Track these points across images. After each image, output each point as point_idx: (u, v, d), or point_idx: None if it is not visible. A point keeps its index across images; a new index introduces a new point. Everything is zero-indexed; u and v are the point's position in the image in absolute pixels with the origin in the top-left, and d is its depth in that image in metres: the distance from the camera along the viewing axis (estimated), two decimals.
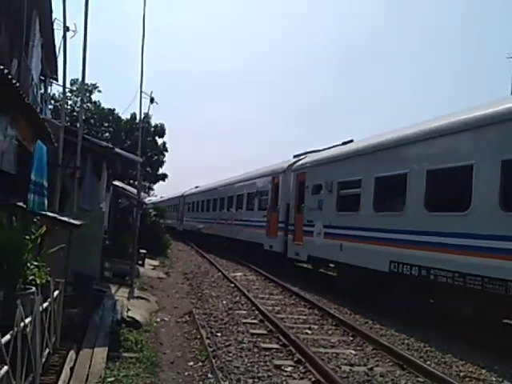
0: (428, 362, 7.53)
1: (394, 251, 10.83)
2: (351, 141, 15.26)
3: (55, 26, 13.60)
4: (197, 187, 38.85)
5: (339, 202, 13.92)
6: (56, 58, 16.18)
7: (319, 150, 17.31)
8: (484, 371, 7.32)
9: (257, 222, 21.26)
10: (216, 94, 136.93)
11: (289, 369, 6.93)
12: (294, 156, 19.53)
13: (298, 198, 17.00)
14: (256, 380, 6.34)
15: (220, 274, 17.93)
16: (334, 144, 16.25)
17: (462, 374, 7.17)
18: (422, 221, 10.16)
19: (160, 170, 44.91)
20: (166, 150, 43.96)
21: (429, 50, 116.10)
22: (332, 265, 15.71)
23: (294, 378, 6.57)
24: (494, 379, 7.01)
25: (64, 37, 10.13)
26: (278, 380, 6.41)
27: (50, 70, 17.31)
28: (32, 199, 6.59)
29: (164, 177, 46.65)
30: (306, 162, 17.01)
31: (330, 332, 9.51)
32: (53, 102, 31.77)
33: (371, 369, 7.13)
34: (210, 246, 29.84)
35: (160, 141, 43.74)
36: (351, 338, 8.97)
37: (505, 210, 8.22)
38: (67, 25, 10.44)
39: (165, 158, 44.39)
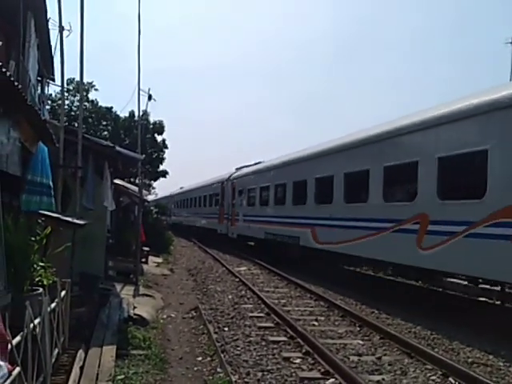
0: (436, 350, 7.56)
1: (265, 227, 20.42)
2: (259, 162, 24.06)
3: (50, 26, 13.54)
4: (181, 188, 47.27)
5: (248, 200, 23.50)
6: (52, 58, 16.10)
7: (248, 166, 25.98)
8: (491, 357, 7.35)
9: (213, 214, 30.28)
10: (213, 89, 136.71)
11: (297, 361, 6.96)
12: (236, 169, 27.91)
13: (232, 197, 25.95)
14: (265, 373, 6.37)
15: (224, 268, 17.96)
16: (253, 163, 25.05)
17: (469, 360, 7.20)
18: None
19: (160, 166, 44.85)
20: (166, 147, 43.89)
21: (426, 36, 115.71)
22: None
23: (303, 370, 6.59)
24: (501, 364, 7.03)
25: (61, 37, 10.09)
26: (287, 372, 6.44)
27: (46, 70, 17.23)
28: (29, 200, 6.59)
29: (164, 174, 46.59)
30: (235, 175, 26.32)
31: (336, 323, 9.53)
32: (49, 102, 31.69)
33: (379, 358, 7.16)
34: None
35: (159, 138, 43.66)
36: (358, 329, 9.00)
37: None
38: (62, 24, 10.39)
39: (165, 155, 44.34)
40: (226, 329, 8.73)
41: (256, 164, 24.48)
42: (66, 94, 36.13)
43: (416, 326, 9.21)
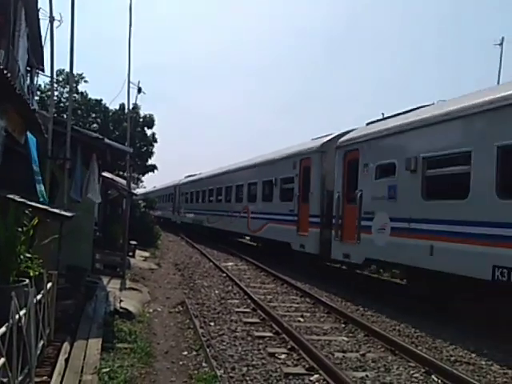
0: (419, 348, 7.65)
1: (191, 216, 32.82)
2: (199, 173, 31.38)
3: (40, 16, 13.41)
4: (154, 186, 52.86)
5: (186, 199, 35.72)
6: (42, 49, 15.95)
7: (192, 175, 36.62)
8: (474, 355, 7.44)
9: (168, 208, 42.20)
10: (204, 83, 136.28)
11: (282, 356, 7.00)
12: (185, 176, 37.35)
13: (179, 197, 34.52)
14: (250, 368, 6.40)
15: (211, 264, 17.97)
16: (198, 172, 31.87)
17: (452, 358, 7.29)
18: None
19: (149, 160, 44.57)
20: (156, 141, 43.60)
21: (415, 35, 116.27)
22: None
23: (288, 366, 6.64)
24: (483, 363, 7.13)
25: (51, 27, 10.00)
26: (272, 367, 6.47)
27: (36, 60, 17.07)
28: (40, 189, 6.56)
29: (153, 168, 46.32)
30: (181, 182, 36.97)
31: (322, 319, 9.60)
32: (39, 93, 31.37)
33: (363, 355, 7.23)
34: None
35: (149, 132, 43.38)
36: (343, 325, 9.07)
37: None
38: (53, 15, 10.29)
39: (154, 149, 44.06)
40: (212, 323, 8.76)
41: (194, 175, 35.85)
42: (55, 85, 35.79)
43: (400, 323, 9.31)
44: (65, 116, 13.81)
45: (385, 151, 11.66)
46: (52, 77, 10.46)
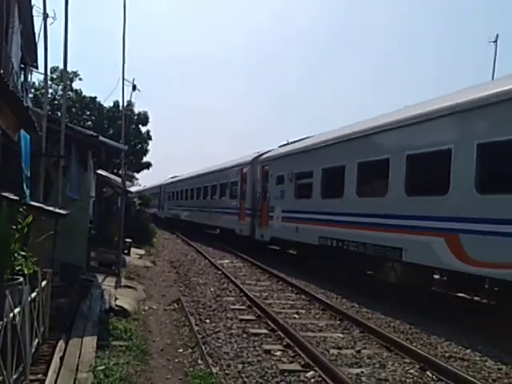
0: (414, 344, 7.67)
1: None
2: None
3: (34, 13, 13.33)
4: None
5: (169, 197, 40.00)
6: (36, 46, 15.87)
7: (175, 176, 34.55)
8: (468, 351, 7.49)
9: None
10: (198, 80, 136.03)
11: (278, 353, 7.01)
12: (170, 177, 35.56)
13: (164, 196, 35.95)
14: (246, 365, 6.41)
15: (207, 261, 17.96)
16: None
17: (447, 354, 7.32)
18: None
19: (144, 158, 44.50)
20: (150, 138, 43.51)
21: (411, 33, 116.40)
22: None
23: (284, 362, 6.65)
24: (477, 359, 7.17)
25: (45, 24, 9.93)
26: (268, 364, 6.48)
27: (29, 57, 16.98)
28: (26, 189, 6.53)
29: (148, 165, 46.25)
30: (166, 182, 33.30)
31: (317, 316, 9.62)
32: (33, 90, 31.23)
33: (359, 351, 7.25)
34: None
35: (144, 129, 43.29)
36: (338, 322, 9.09)
37: None
38: (47, 11, 10.24)
39: (149, 147, 43.98)
40: (208, 321, 8.76)
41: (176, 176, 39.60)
42: (49, 83, 35.62)
43: (395, 320, 9.34)
44: (59, 114, 13.77)
45: (279, 167, 17.92)
46: (46, 74, 10.40)
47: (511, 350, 7.40)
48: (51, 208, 7.32)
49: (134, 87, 21.98)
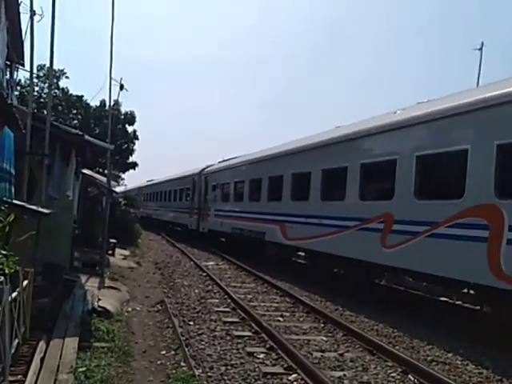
0: (397, 347, 7.72)
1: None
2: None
3: (21, 10, 13.19)
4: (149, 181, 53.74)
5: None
6: (22, 43, 15.69)
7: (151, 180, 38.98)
8: (450, 355, 7.54)
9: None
10: (186, 82, 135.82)
11: (261, 356, 7.00)
12: (147, 180, 38.48)
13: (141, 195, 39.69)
14: (229, 367, 6.39)
15: (192, 263, 17.91)
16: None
17: (429, 358, 7.38)
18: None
19: (130, 158, 44.22)
20: (137, 138, 43.26)
21: (395, 39, 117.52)
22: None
23: (267, 365, 6.64)
24: (459, 362, 7.23)
25: (31, 21, 9.84)
26: (251, 367, 6.47)
27: (16, 55, 16.79)
28: (1, 187, 6.43)
29: (134, 165, 45.98)
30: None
31: (301, 319, 9.63)
32: (18, 88, 30.86)
33: (342, 354, 7.27)
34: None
35: (130, 129, 43.03)
36: (322, 325, 9.11)
37: None
38: (34, 8, 10.13)
39: (135, 147, 43.72)
40: (192, 323, 8.72)
41: (151, 180, 45.81)
42: (35, 81, 35.26)
43: (378, 323, 9.39)
44: (45, 112, 13.59)
45: (213, 179, 24.66)
46: (31, 72, 10.30)
47: (492, 353, 7.49)
48: (34, 207, 7.23)
49: (122, 87, 21.94)
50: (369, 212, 11.08)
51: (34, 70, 10.85)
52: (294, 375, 6.23)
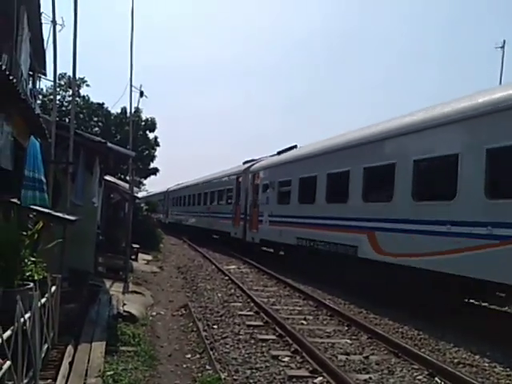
0: (422, 350, 7.64)
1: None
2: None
3: (43, 20, 13.45)
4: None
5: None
6: (44, 53, 16.00)
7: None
8: (477, 357, 7.45)
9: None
10: (203, 87, 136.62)
11: (286, 359, 7.00)
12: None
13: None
14: (254, 370, 6.40)
15: (214, 267, 17.98)
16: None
17: (455, 360, 7.29)
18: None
19: (151, 164, 44.71)
20: (158, 145, 43.76)
21: (416, 39, 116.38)
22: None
23: (292, 368, 6.64)
24: (486, 365, 7.14)
25: (54, 31, 10.05)
26: (276, 370, 6.48)
27: (38, 64, 17.11)
28: (26, 195, 6.57)
29: (155, 171, 46.48)
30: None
31: (325, 322, 9.60)
32: (40, 97, 31.45)
33: (367, 357, 7.23)
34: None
35: (151, 135, 43.51)
36: (346, 328, 9.07)
37: None
38: (55, 19, 10.34)
39: (156, 153, 44.19)
40: (216, 326, 8.76)
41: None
42: (57, 89, 35.83)
43: (403, 326, 9.31)
44: (67, 120, 13.86)
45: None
46: (55, 81, 10.52)
47: None
48: (60, 214, 7.37)
49: (142, 93, 22.17)
50: None
51: (56, 79, 11.03)
52: (320, 378, 6.21)
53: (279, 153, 20.68)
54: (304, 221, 15.67)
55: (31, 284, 5.14)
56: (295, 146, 19.79)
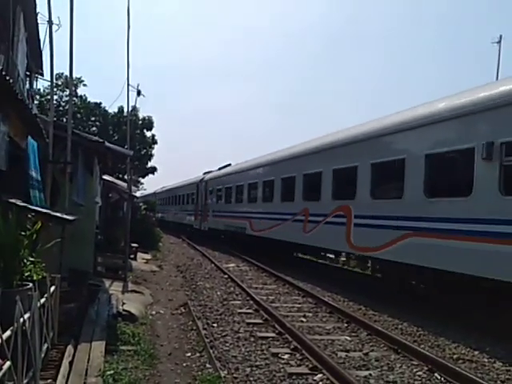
0: (422, 346, 7.66)
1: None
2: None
3: (39, 21, 13.41)
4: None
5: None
6: (41, 53, 15.95)
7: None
8: (476, 353, 7.47)
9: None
10: (201, 85, 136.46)
11: (286, 356, 7.02)
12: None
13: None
14: (254, 368, 6.42)
15: (213, 265, 17.99)
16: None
17: (455, 356, 7.31)
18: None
19: (149, 163, 44.64)
20: (155, 143, 43.69)
21: (412, 34, 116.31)
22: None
23: (292, 365, 6.66)
24: (486, 360, 7.16)
25: (50, 31, 10.02)
26: (276, 368, 6.50)
27: (35, 65, 17.06)
28: (35, 195, 6.58)
29: (153, 170, 46.42)
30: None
31: (324, 319, 9.62)
32: (37, 97, 31.40)
33: (366, 354, 7.25)
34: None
35: (148, 134, 43.44)
36: (346, 325, 9.09)
37: None
38: (51, 19, 10.31)
39: (153, 151, 44.13)
40: (215, 325, 8.77)
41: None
42: (54, 89, 35.71)
43: (403, 322, 9.33)
44: (64, 120, 13.83)
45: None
46: (52, 81, 10.49)
47: None
48: (59, 214, 7.36)
49: (139, 93, 22.17)
50: None
51: (53, 80, 11.00)
52: (320, 375, 6.23)
53: (219, 168, 29.36)
54: (227, 214, 24.50)
55: (30, 284, 5.13)
56: (229, 164, 28.47)
